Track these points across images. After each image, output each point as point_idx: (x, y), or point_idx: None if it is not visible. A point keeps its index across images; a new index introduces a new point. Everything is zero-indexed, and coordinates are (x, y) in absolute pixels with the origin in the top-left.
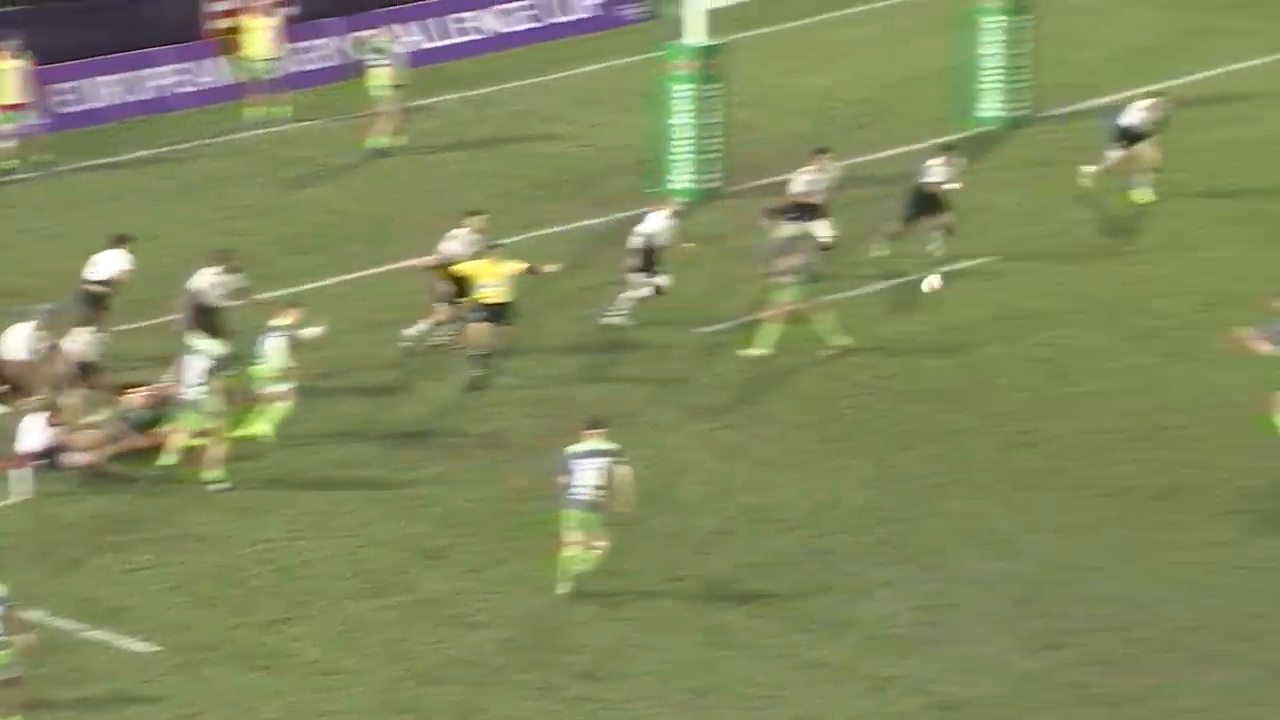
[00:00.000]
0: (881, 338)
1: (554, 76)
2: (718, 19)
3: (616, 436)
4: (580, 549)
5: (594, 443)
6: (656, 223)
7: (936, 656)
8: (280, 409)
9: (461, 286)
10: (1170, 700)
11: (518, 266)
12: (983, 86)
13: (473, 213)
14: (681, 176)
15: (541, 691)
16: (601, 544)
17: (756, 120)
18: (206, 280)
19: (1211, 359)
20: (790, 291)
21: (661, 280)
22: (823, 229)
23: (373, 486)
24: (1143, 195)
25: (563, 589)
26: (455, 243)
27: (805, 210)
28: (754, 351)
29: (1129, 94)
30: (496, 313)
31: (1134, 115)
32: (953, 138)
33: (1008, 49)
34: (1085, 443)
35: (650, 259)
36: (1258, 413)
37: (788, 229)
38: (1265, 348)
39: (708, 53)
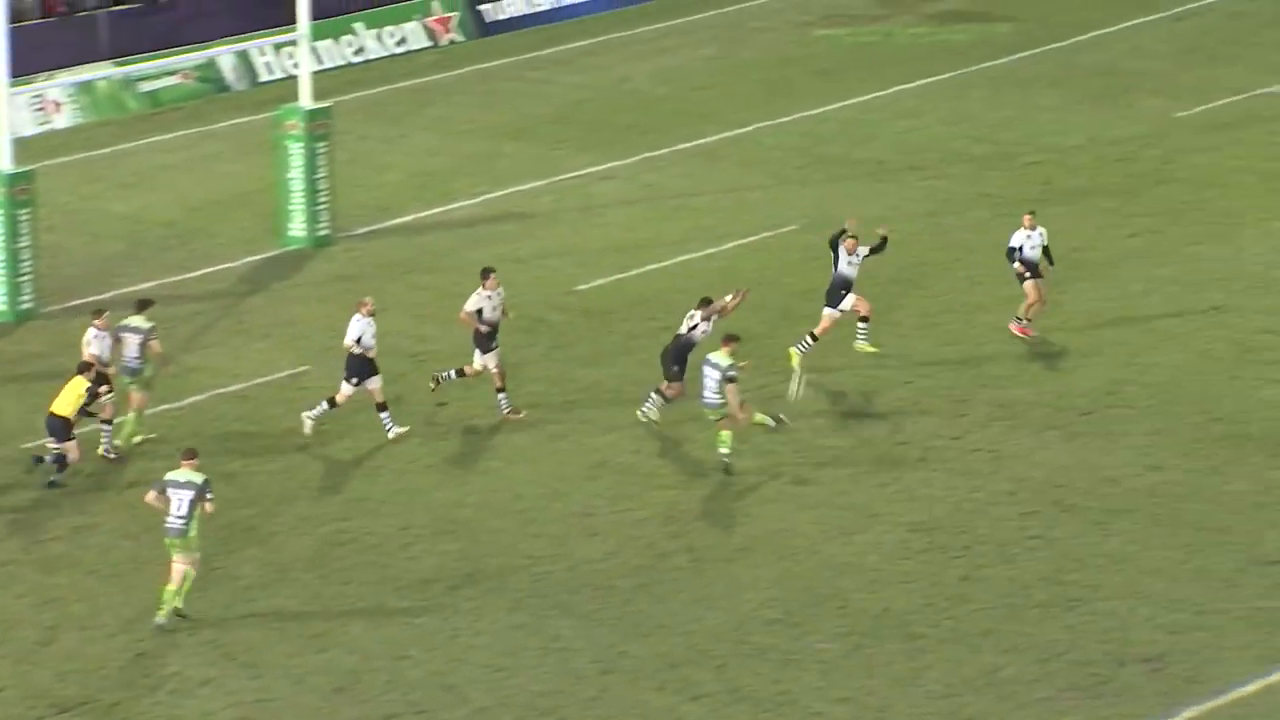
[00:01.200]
0: (206, 451)
1: None
2: (27, 146)
3: None
4: (179, 577)
5: (186, 473)
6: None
7: None
8: None
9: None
10: None
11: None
12: (291, 208)
13: (99, 311)
14: None
15: None
16: (191, 562)
17: (68, 244)
18: None
19: (507, 456)
20: (131, 384)
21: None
22: (491, 359)
23: None
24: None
25: (159, 619)
26: (97, 341)
27: (492, 329)
28: (135, 439)
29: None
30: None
31: (845, 264)
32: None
33: (309, 173)
34: (394, 538)
35: (363, 364)
36: None
37: (132, 319)
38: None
39: (18, 179)
